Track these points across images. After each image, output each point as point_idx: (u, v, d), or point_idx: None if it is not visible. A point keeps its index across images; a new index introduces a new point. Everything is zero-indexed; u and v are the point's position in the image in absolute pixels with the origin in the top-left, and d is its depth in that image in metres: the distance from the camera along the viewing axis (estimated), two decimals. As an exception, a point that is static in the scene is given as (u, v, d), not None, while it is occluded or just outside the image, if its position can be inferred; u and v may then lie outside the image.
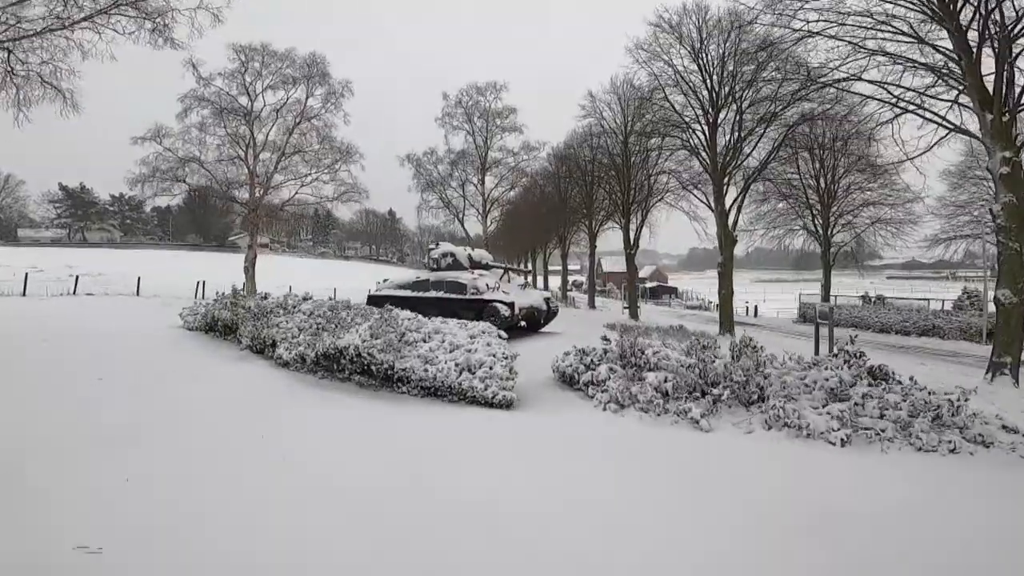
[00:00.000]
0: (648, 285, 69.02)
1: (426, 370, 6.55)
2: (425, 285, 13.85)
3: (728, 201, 18.62)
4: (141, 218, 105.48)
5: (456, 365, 6.56)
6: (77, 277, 21.18)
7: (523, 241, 43.07)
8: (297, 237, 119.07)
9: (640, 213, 26.41)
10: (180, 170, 20.33)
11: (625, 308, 30.75)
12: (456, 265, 13.84)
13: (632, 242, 26.06)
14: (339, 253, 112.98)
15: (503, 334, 8.91)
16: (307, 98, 22.77)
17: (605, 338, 8.25)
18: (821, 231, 31.58)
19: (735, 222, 18.71)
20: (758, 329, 23.10)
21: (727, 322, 17.72)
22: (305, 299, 10.82)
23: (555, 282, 55.27)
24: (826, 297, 32.33)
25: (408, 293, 14.17)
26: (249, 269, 21.16)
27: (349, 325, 7.35)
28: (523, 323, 14.38)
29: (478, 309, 12.75)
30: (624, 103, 26.64)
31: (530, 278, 42.80)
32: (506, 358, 6.71)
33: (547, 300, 14.19)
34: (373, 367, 6.84)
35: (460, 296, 13.02)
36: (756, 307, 33.84)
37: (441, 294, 13.38)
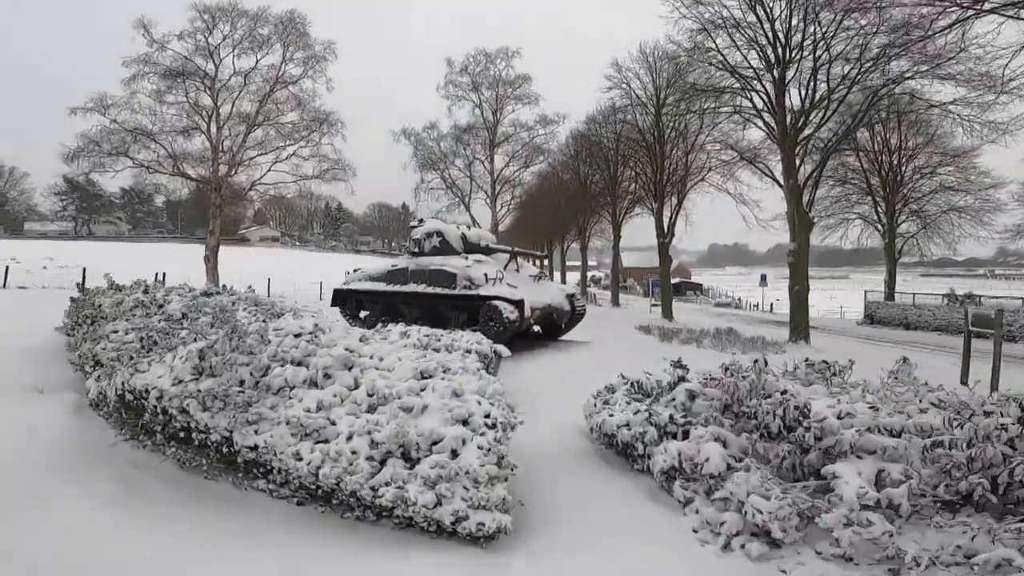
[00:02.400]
0: (671, 281, 64.26)
1: (299, 456, 2.75)
2: (403, 275, 10.08)
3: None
4: (151, 211, 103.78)
5: (373, 445, 2.75)
6: (7, 268, 17.88)
7: (537, 233, 39.14)
8: (309, 231, 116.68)
9: (675, 197, 22.46)
10: (123, 143, 16.93)
11: (654, 306, 26.60)
12: (445, 248, 10.06)
13: (666, 230, 22.06)
14: (351, 247, 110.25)
15: (502, 350, 5.18)
16: (283, 62, 19.21)
17: (679, 364, 4.41)
18: (885, 220, 27.21)
19: (811, 200, 14.63)
20: (826, 334, 18.90)
21: (801, 327, 13.64)
22: (207, 294, 7.17)
23: (572, 278, 51.16)
24: (891, 295, 27.95)
25: (381, 287, 10.44)
26: (210, 259, 17.67)
27: (174, 345, 3.58)
28: (536, 328, 10.55)
29: (472, 309, 8.96)
30: (656, 71, 22.72)
31: (546, 265, 38.38)
32: (492, 426, 2.88)
33: (570, 298, 10.32)
34: (195, 435, 3.06)
35: (447, 291, 9.22)
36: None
37: (422, 288, 9.59)
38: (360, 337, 4.12)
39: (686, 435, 3.49)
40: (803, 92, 14.11)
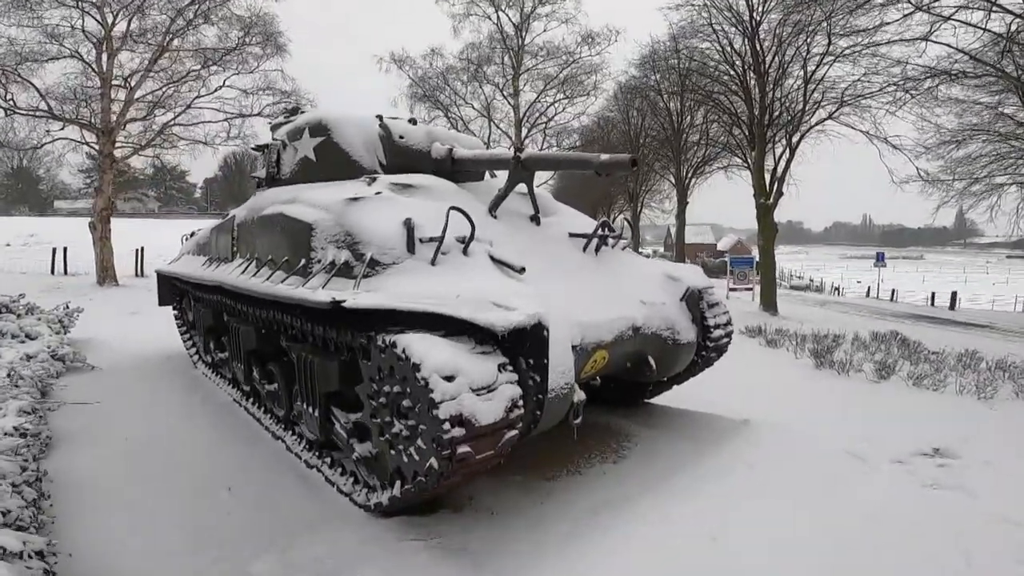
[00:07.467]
0: (731, 258, 55.60)
1: None
2: (225, 240, 3.89)
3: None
4: (183, 188, 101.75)
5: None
6: None
7: (577, 204, 32.28)
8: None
9: (783, 142, 15.61)
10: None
11: (731, 290, 19.11)
12: (333, 161, 3.58)
13: (769, 186, 15.18)
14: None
15: None
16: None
17: None
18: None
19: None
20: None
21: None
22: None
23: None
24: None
25: (198, 269, 4.27)
26: (97, 226, 12.04)
27: None
28: (592, 378, 3.98)
29: (346, 355, 2.59)
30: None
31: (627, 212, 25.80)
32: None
33: (695, 300, 3.56)
34: None
35: (287, 284, 2.81)
36: (954, 295, 21.32)
37: (238, 273, 3.34)
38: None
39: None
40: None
